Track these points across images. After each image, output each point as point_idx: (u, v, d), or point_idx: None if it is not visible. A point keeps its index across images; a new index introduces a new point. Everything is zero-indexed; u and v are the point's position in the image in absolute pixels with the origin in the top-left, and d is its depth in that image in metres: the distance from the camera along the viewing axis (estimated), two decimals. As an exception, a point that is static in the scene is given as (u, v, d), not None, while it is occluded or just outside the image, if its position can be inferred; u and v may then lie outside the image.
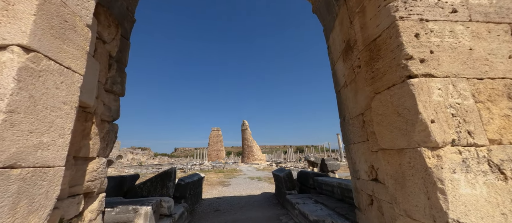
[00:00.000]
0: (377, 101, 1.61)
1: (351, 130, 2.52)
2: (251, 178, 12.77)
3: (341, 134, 2.95)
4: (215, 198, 6.99)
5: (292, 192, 5.08)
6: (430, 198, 1.10)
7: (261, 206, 5.59)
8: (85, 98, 1.80)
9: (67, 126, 1.32)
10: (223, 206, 5.79)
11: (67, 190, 1.71)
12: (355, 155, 2.48)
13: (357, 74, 2.18)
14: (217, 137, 47.73)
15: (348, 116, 2.59)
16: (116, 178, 4.18)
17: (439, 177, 1.07)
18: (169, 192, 4.17)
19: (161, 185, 4.18)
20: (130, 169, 26.71)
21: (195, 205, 5.83)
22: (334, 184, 4.10)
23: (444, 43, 1.29)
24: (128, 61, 2.94)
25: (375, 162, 1.97)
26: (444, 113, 1.17)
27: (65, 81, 1.30)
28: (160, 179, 4.22)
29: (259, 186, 9.41)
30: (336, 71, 2.96)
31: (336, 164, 9.02)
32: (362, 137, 2.20)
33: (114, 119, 2.58)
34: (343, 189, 3.79)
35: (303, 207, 3.56)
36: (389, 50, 1.39)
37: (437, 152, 1.13)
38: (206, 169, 22.17)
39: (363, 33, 1.70)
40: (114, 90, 2.54)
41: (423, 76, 1.23)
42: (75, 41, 1.38)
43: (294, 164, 25.62)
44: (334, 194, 4.12)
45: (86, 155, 1.97)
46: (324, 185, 4.55)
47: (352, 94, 2.36)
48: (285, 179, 5.31)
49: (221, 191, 8.57)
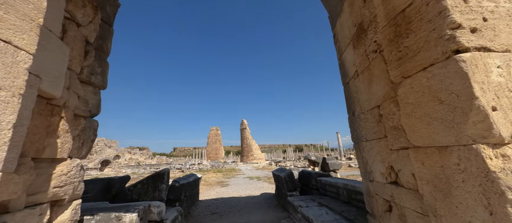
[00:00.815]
0: (406, 87, 1.30)
1: (363, 125, 2.21)
2: (250, 178, 12.47)
3: (350, 130, 2.64)
4: (213, 200, 6.68)
5: (294, 194, 4.78)
6: (495, 214, 0.80)
7: (261, 208, 5.29)
8: (47, 87, 1.47)
9: (6, 119, 0.99)
10: (221, 208, 5.48)
11: (23, 199, 1.39)
12: (367, 154, 2.18)
13: (372, 61, 1.87)
14: (216, 137, 47.43)
15: (359, 110, 2.28)
16: (103, 180, 3.85)
17: (508, 185, 0.77)
18: (161, 195, 3.86)
19: (153, 188, 3.86)
20: (128, 169, 26.35)
21: (191, 208, 5.52)
22: (339, 185, 3.81)
23: (500, 8, 0.99)
24: (111, 50, 2.61)
25: (395, 163, 1.67)
26: (508, 98, 0.87)
27: (1, 59, 0.97)
28: (152, 181, 3.90)
29: (258, 186, 9.12)
30: (344, 61, 2.65)
31: (337, 163, 8.75)
32: (378, 133, 1.89)
33: (93, 114, 2.26)
34: (350, 191, 3.49)
35: (306, 211, 3.26)
36: (425, 20, 1.09)
37: (503, 151, 0.82)
38: (204, 169, 21.87)
39: (386, 5, 1.39)
40: (93, 81, 2.22)
41: (476, 50, 0.92)
42: (18, 9, 1.06)
43: (294, 163, 25.39)
44: (340, 196, 3.83)
45: (53, 156, 1.64)
46: (328, 186, 4.25)
47: (365, 84, 2.05)
48: (286, 179, 5.01)
49: (220, 191, 8.26)
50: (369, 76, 1.96)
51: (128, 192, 3.79)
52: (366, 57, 1.99)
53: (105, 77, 2.42)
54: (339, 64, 2.87)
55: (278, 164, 26.39)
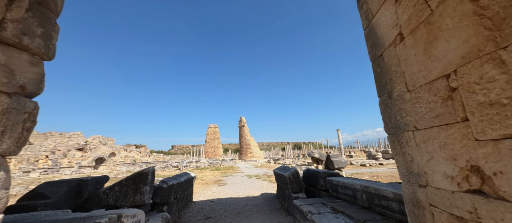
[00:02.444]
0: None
1: (410, 109, 1.58)
2: (249, 176, 11.87)
3: (383, 118, 2.01)
4: (208, 201, 6.06)
5: (300, 196, 4.17)
6: None
7: (262, 211, 4.68)
8: None
9: None
10: (216, 211, 4.86)
11: None
12: (416, 149, 1.55)
13: (438, 5, 1.23)
14: (214, 134, 46.77)
15: (403, 88, 1.65)
16: (70, 182, 3.19)
17: None
18: (144, 199, 3.21)
19: (133, 190, 3.22)
20: (123, 167, 25.68)
21: (183, 211, 4.89)
22: (356, 187, 3.19)
23: None
24: (62, 10, 1.93)
25: (486, 161, 1.05)
26: None
27: None
28: (132, 182, 3.25)
29: (258, 186, 8.52)
30: (375, 26, 2.00)
31: (343, 161, 8.16)
32: (444, 117, 1.27)
33: (30, 93, 1.59)
34: (372, 195, 2.88)
35: (320, 220, 2.65)
36: None
37: None
38: (202, 167, 21.25)
39: None
40: (27, 45, 1.55)
41: None
42: None
43: (293, 160, 24.87)
44: (357, 200, 3.21)
45: None
46: (341, 188, 3.64)
47: (420, 47, 1.41)
48: (290, 179, 4.39)
49: (216, 191, 7.64)
50: (429, 33, 1.32)
51: (103, 196, 3.14)
52: (423, 5, 1.34)
53: (50, 42, 1.74)
54: (366, 34, 2.22)
55: (277, 162, 25.81)
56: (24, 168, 19.53)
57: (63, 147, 25.85)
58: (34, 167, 19.83)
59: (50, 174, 18.30)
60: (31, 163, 21.21)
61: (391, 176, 9.22)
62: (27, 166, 20.10)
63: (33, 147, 22.43)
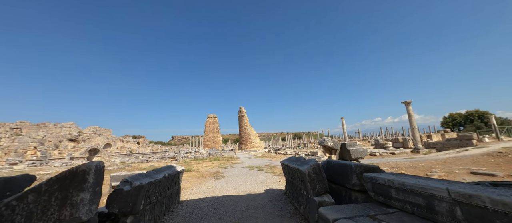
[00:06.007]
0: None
1: None
2: (250, 167, 10.68)
3: None
4: (200, 201, 4.83)
5: (325, 200, 2.90)
6: None
7: (270, 218, 3.43)
8: None
9: None
10: (208, 218, 3.62)
11: None
12: None
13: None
14: (214, 124, 45.58)
15: None
16: None
17: None
18: (79, 214, 1.92)
19: (61, 200, 1.92)
20: (118, 158, 24.59)
21: (164, 217, 3.64)
22: (434, 193, 1.88)
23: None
24: None
25: None
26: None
27: None
28: (59, 187, 1.95)
29: (260, 179, 7.30)
30: None
31: (361, 151, 6.88)
32: None
33: None
34: (478, 209, 1.56)
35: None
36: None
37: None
38: (200, 157, 20.13)
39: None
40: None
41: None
42: None
43: (294, 150, 23.79)
44: (436, 215, 1.92)
45: None
46: (395, 191, 2.35)
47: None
48: (311, 176, 3.10)
49: (212, 187, 6.41)
50: None
51: (6, 211, 1.84)
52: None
53: None
54: None
55: (278, 151, 24.73)
56: (11, 160, 18.39)
57: (54, 138, 24.62)
58: (21, 159, 18.70)
59: (38, 166, 17.17)
60: (19, 155, 20.04)
61: (414, 167, 8.00)
62: (15, 158, 18.96)
63: (20, 138, 21.18)
